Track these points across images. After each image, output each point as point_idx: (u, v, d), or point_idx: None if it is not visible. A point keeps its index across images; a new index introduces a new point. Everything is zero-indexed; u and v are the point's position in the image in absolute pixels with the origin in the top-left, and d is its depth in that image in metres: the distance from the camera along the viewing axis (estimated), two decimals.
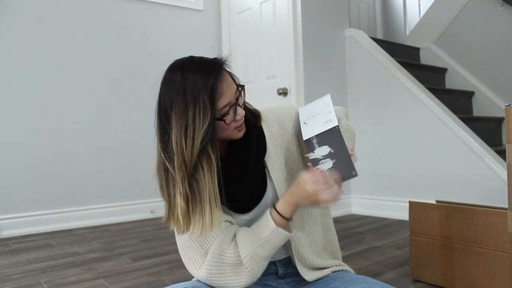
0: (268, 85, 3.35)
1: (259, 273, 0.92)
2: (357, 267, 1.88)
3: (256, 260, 0.89)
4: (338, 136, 0.89)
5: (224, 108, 0.89)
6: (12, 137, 2.91)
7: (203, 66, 0.89)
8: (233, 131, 0.94)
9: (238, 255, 0.90)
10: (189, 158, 0.85)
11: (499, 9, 3.47)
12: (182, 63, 0.91)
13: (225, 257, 0.90)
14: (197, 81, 0.87)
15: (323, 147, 0.90)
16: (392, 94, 3.03)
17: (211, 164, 0.87)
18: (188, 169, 0.86)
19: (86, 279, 1.86)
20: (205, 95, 0.86)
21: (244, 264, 0.89)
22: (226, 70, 0.93)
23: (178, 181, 0.87)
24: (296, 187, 0.88)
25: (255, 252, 0.89)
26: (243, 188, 0.97)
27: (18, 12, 2.95)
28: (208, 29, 3.84)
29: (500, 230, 1.40)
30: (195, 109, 0.85)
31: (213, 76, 0.87)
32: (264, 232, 0.90)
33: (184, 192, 0.87)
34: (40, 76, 3.02)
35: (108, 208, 3.24)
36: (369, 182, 3.20)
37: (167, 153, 0.89)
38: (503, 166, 2.46)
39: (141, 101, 3.41)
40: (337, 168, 0.87)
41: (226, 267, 0.90)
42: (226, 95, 0.89)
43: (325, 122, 0.93)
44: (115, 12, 3.36)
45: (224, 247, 0.91)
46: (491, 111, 3.52)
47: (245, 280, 0.90)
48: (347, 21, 3.42)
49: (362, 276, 1.01)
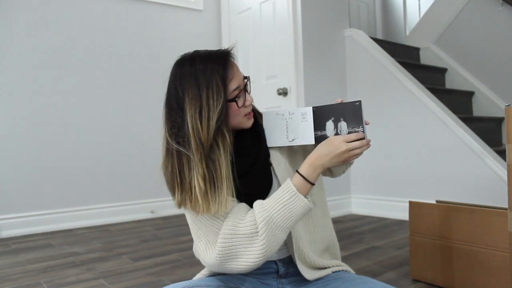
0: (268, 85, 3.35)
1: (273, 247, 0.89)
2: (357, 267, 1.88)
3: (271, 227, 0.88)
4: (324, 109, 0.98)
5: (234, 91, 0.94)
6: (12, 137, 2.91)
7: (211, 55, 0.95)
8: (243, 118, 0.98)
9: (254, 222, 0.88)
10: (206, 139, 0.89)
11: (499, 9, 3.47)
12: (190, 55, 0.96)
13: (239, 227, 0.89)
14: (208, 67, 0.92)
15: (328, 123, 0.97)
16: (392, 94, 3.03)
17: (226, 142, 0.91)
18: (205, 149, 0.89)
19: (86, 279, 1.86)
20: (217, 78, 0.91)
21: (259, 231, 0.87)
22: (232, 59, 0.97)
23: (197, 163, 0.89)
24: (327, 147, 0.92)
25: (271, 218, 0.88)
26: (250, 183, 0.97)
27: (19, 13, 2.95)
28: (208, 29, 3.84)
29: (500, 230, 1.40)
30: (208, 91, 0.90)
31: (223, 62, 0.93)
32: (283, 196, 0.90)
33: (202, 172, 0.89)
34: (40, 76, 3.02)
35: (108, 208, 3.24)
36: (369, 182, 3.20)
37: (181, 138, 0.92)
38: (503, 166, 2.47)
39: (141, 101, 3.41)
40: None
41: (240, 238, 0.89)
42: (236, 78, 0.95)
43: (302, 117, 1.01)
44: (115, 12, 3.36)
45: (239, 216, 0.91)
46: (491, 111, 3.52)
47: (258, 252, 0.87)
48: (347, 21, 3.42)
49: (362, 276, 1.02)
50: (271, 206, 0.89)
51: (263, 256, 0.88)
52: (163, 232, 2.83)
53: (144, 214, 3.37)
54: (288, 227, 0.90)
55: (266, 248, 0.87)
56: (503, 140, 3.31)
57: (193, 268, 1.94)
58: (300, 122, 1.00)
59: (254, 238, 0.88)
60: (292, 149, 1.08)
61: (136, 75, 3.42)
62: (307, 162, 0.93)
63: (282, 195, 0.90)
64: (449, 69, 3.86)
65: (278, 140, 1.03)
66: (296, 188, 0.90)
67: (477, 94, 3.66)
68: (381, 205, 3.11)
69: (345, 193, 3.28)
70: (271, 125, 1.04)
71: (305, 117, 1.00)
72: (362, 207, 3.26)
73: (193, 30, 3.75)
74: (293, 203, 0.89)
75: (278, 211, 0.88)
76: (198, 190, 0.89)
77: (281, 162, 1.03)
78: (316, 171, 0.92)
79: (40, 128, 3.01)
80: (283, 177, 1.01)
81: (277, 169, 1.02)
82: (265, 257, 0.88)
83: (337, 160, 0.93)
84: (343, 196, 3.26)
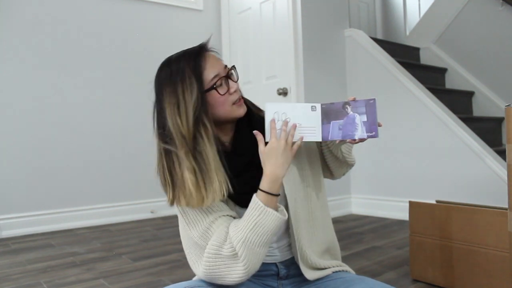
0: (268, 85, 3.35)
1: (255, 264, 0.90)
2: (357, 267, 1.88)
3: (249, 247, 0.88)
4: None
5: (213, 80, 0.94)
6: (12, 137, 2.91)
7: (185, 52, 0.97)
8: (231, 106, 0.97)
9: (232, 244, 0.89)
10: (187, 132, 0.90)
11: (499, 9, 3.47)
12: (168, 59, 0.98)
13: (223, 249, 0.90)
14: (181, 63, 0.94)
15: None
16: (392, 94, 3.03)
17: (208, 132, 0.91)
18: (189, 143, 0.90)
19: (86, 279, 1.86)
20: (189, 71, 0.92)
21: (238, 252, 0.88)
22: (210, 51, 0.99)
23: (183, 158, 0.90)
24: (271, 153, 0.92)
25: (247, 238, 0.88)
26: (248, 181, 0.97)
27: (18, 13, 2.95)
28: (208, 29, 3.84)
29: (500, 230, 1.40)
30: (183, 86, 0.92)
31: (194, 55, 0.95)
32: (253, 214, 0.90)
33: (190, 166, 0.90)
34: (40, 76, 3.02)
35: (108, 208, 3.24)
36: (369, 182, 3.20)
37: (166, 136, 0.93)
38: (503, 166, 2.46)
39: (141, 101, 3.40)
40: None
41: (223, 259, 0.90)
42: (212, 67, 0.95)
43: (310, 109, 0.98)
44: (115, 12, 3.36)
45: (223, 239, 0.91)
46: (491, 111, 3.52)
47: (240, 272, 0.89)
48: (347, 21, 3.42)
49: (362, 277, 1.02)
50: (244, 226, 0.89)
51: (246, 274, 0.89)
52: (163, 232, 2.83)
53: (144, 214, 3.37)
54: (265, 241, 0.90)
55: (248, 266, 0.88)
56: (503, 140, 3.31)
57: None
58: (307, 119, 0.97)
59: (235, 259, 0.89)
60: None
61: (136, 75, 3.41)
62: (266, 177, 0.92)
63: (251, 214, 0.90)
64: (449, 69, 3.86)
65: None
66: (263, 204, 0.89)
67: (477, 94, 3.66)
68: (381, 205, 3.11)
69: (345, 193, 3.28)
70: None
71: (314, 113, 0.97)
72: (362, 207, 3.25)
73: (193, 30, 3.75)
74: (264, 219, 0.89)
75: (251, 230, 0.88)
76: (190, 183, 0.90)
77: None
78: (275, 181, 0.91)
79: (40, 128, 3.01)
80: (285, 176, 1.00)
81: None
82: (249, 274, 0.90)
83: (286, 160, 0.92)
84: (343, 196, 3.26)
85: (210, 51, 0.99)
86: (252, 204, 0.91)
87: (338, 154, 1.08)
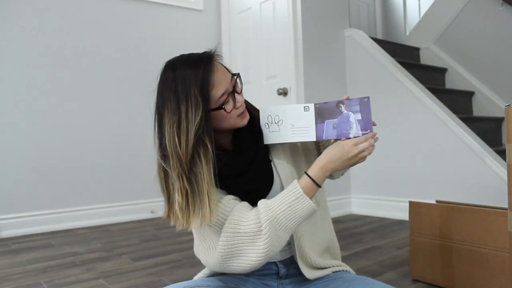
0: (268, 85, 3.35)
1: (276, 247, 0.88)
2: (357, 267, 1.88)
3: (275, 227, 0.87)
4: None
5: (221, 98, 0.91)
6: (12, 137, 2.91)
7: (192, 61, 0.91)
8: (236, 119, 0.95)
9: (258, 221, 0.87)
10: (184, 153, 0.86)
11: (499, 9, 3.47)
12: (173, 62, 0.94)
13: (242, 226, 0.88)
14: (187, 76, 0.89)
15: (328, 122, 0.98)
16: (392, 94, 3.03)
17: (208, 153, 0.88)
18: (184, 164, 0.87)
19: (86, 279, 1.86)
20: (195, 89, 0.87)
21: (263, 230, 0.86)
22: (217, 61, 0.94)
23: (175, 179, 0.88)
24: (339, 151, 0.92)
25: (276, 218, 0.87)
26: (251, 180, 0.97)
27: (18, 13, 2.95)
28: (208, 29, 3.84)
29: (500, 230, 1.40)
30: (187, 104, 0.87)
31: (203, 69, 0.89)
32: (289, 197, 0.89)
33: (182, 188, 0.87)
34: (40, 76, 3.02)
35: (108, 208, 3.24)
36: (369, 182, 3.20)
37: (161, 152, 0.91)
38: (503, 166, 2.46)
39: (141, 101, 3.41)
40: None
41: (242, 237, 0.88)
42: (220, 84, 0.91)
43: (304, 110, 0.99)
44: (115, 12, 3.36)
45: (242, 215, 0.90)
46: (491, 111, 3.52)
47: (260, 251, 0.86)
48: (347, 21, 3.42)
49: (362, 277, 1.02)
50: (276, 206, 0.89)
51: (265, 255, 0.87)
52: (163, 232, 2.83)
53: (144, 214, 3.37)
54: (291, 228, 0.90)
55: (269, 247, 0.87)
56: (503, 140, 3.31)
57: (193, 268, 1.94)
58: (300, 119, 0.98)
59: (257, 236, 0.87)
60: (294, 146, 1.08)
61: (136, 75, 3.41)
62: (317, 165, 0.92)
63: (288, 196, 0.89)
64: (449, 69, 3.86)
65: (277, 137, 0.99)
66: (302, 190, 0.90)
67: (477, 94, 3.66)
68: (381, 205, 3.11)
69: (345, 193, 3.28)
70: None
71: (307, 113, 0.97)
72: (362, 207, 3.25)
73: (193, 30, 3.75)
74: (298, 205, 0.89)
75: (283, 212, 0.88)
76: (177, 206, 0.88)
77: (283, 159, 1.02)
78: (325, 174, 0.92)
79: (40, 128, 3.01)
80: (285, 175, 1.00)
81: (278, 166, 1.02)
82: (267, 256, 0.88)
83: (347, 164, 0.93)
84: (343, 196, 3.26)
85: (217, 60, 0.95)
86: (292, 187, 0.91)
87: None
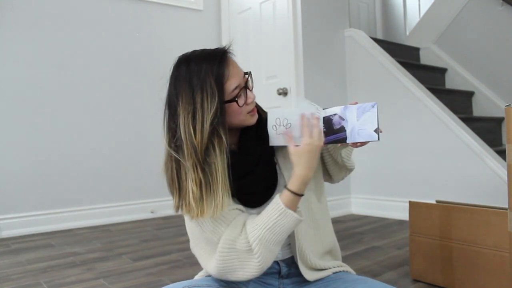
0: (268, 85, 3.35)
1: (269, 260, 0.91)
2: (357, 267, 1.88)
3: (265, 244, 0.89)
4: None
5: (234, 91, 0.92)
6: (12, 137, 2.91)
7: (207, 54, 0.93)
8: (246, 115, 0.96)
9: (247, 240, 0.89)
10: (199, 143, 0.87)
11: (499, 9, 3.47)
12: (187, 56, 0.94)
13: (237, 243, 0.90)
14: (203, 68, 0.90)
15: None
16: (392, 94, 3.03)
17: (222, 144, 0.89)
18: (198, 154, 0.88)
19: (86, 279, 1.86)
20: (211, 80, 0.89)
21: (253, 249, 0.88)
22: (230, 57, 0.96)
23: (189, 168, 0.88)
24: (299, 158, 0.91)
25: (264, 236, 0.89)
26: (255, 182, 0.97)
27: (18, 13, 2.95)
28: (208, 29, 3.84)
29: (500, 230, 1.40)
30: (203, 94, 0.88)
31: (218, 62, 0.91)
32: (273, 214, 0.90)
33: (196, 177, 0.88)
34: (40, 76, 3.02)
35: (108, 208, 3.24)
36: (369, 182, 3.20)
37: (174, 143, 0.91)
38: (503, 166, 2.46)
39: (141, 101, 3.41)
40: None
41: (237, 253, 0.90)
42: (234, 77, 0.92)
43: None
44: (115, 12, 3.36)
45: (237, 232, 0.91)
46: (491, 111, 3.52)
47: (254, 268, 0.89)
48: (347, 21, 3.42)
49: (363, 277, 1.02)
50: (262, 224, 0.90)
51: (259, 270, 0.90)
52: (163, 232, 2.83)
53: (144, 214, 3.37)
54: (281, 240, 0.91)
55: (262, 263, 0.90)
56: (503, 140, 3.31)
57: (193, 268, 1.94)
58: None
59: (249, 255, 0.90)
60: None
61: (135, 75, 3.41)
62: (297, 178, 0.91)
63: (271, 213, 0.90)
64: (449, 69, 3.86)
65: (284, 139, 0.98)
66: (284, 205, 0.90)
67: (477, 94, 3.66)
68: (381, 205, 3.11)
69: (345, 193, 3.28)
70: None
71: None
72: (362, 207, 3.25)
73: (193, 30, 3.75)
74: (283, 220, 0.90)
75: (270, 229, 0.89)
76: (192, 196, 0.88)
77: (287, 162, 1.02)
78: (305, 181, 0.92)
79: (40, 128, 3.01)
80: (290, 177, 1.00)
81: (283, 168, 1.02)
82: (262, 270, 0.91)
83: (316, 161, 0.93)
84: (343, 196, 3.26)
85: (231, 56, 0.96)
86: (274, 204, 0.91)
87: (337, 158, 1.09)
